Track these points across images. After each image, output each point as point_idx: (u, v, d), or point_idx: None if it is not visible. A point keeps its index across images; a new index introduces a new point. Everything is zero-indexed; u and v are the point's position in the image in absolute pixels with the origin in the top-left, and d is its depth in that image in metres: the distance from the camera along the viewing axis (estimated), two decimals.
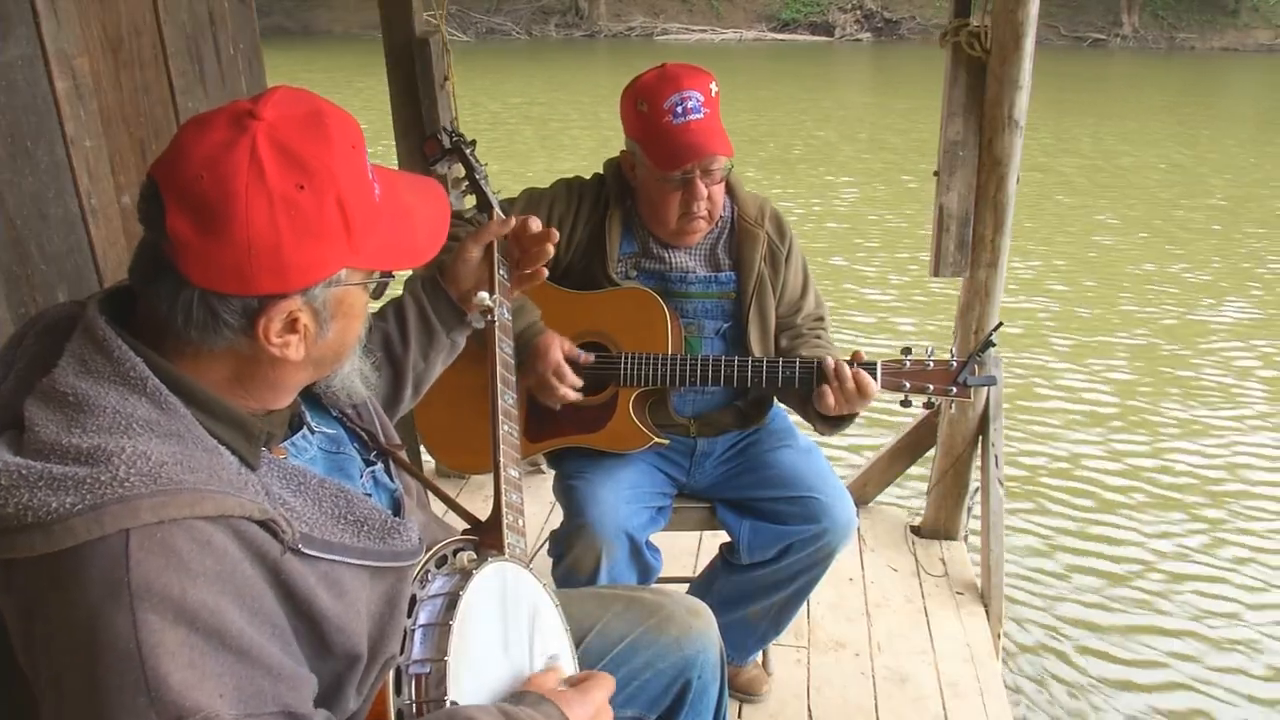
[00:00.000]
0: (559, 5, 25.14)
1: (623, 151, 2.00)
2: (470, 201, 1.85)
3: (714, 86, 1.89)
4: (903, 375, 1.87)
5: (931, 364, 1.87)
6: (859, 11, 24.03)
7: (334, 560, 0.94)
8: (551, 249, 1.41)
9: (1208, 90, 17.18)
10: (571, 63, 19.85)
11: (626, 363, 1.95)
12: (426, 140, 1.77)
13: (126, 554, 0.79)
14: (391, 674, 1.01)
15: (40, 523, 0.78)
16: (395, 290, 1.40)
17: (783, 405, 2.18)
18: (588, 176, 2.07)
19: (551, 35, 24.42)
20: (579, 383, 1.90)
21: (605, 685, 1.12)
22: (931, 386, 1.87)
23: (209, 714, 0.78)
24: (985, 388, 2.58)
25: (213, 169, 0.85)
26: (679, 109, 1.84)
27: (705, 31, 23.95)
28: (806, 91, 16.20)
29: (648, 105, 1.87)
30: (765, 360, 1.94)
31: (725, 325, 2.05)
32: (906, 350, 1.89)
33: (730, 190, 2.04)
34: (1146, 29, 22.91)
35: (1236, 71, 19.42)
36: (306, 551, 0.91)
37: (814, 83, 17.54)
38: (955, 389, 1.87)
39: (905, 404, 1.90)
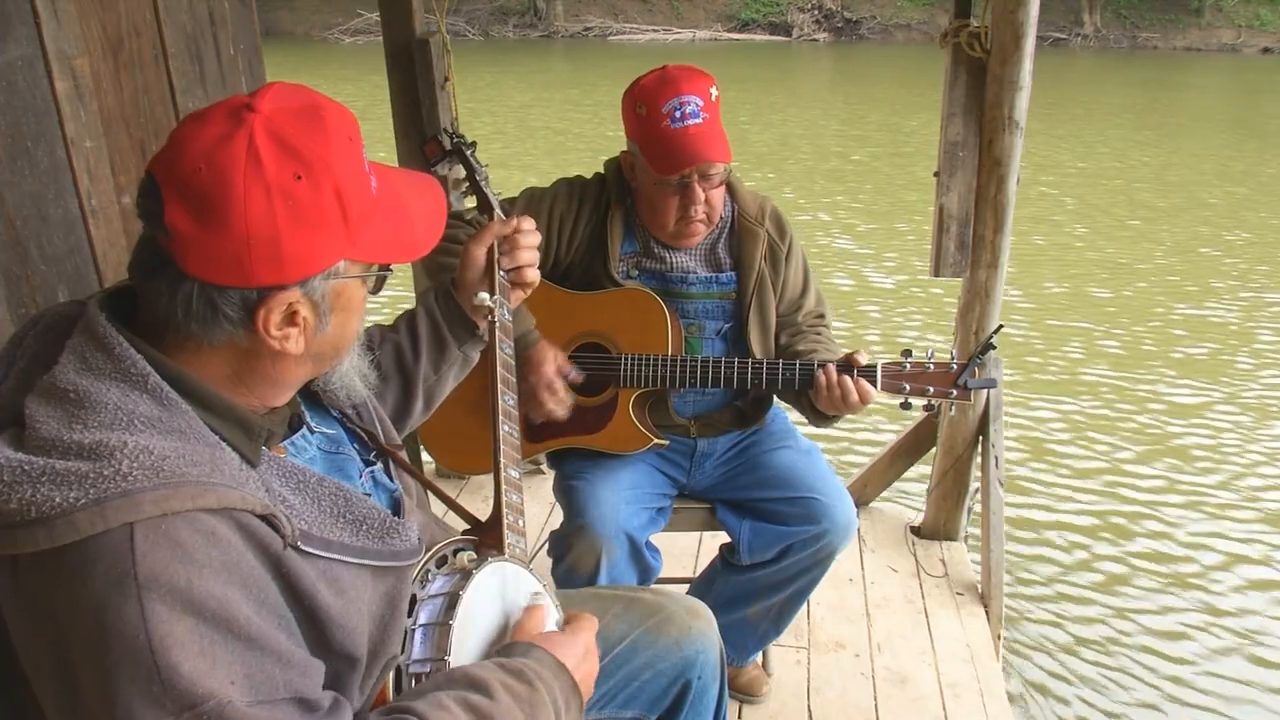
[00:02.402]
0: (518, 6, 25.01)
1: (623, 152, 2.00)
2: (470, 203, 1.85)
3: (714, 90, 1.88)
4: (903, 378, 1.87)
5: (931, 366, 1.87)
6: (818, 11, 23.96)
7: (333, 559, 0.94)
8: (536, 254, 1.42)
9: (1173, 90, 17.07)
10: (535, 63, 19.68)
11: (626, 364, 1.95)
12: (427, 142, 1.76)
13: (132, 547, 0.79)
14: (392, 674, 1.01)
15: (43, 518, 0.78)
16: (398, 290, 1.40)
17: (788, 408, 2.18)
18: (588, 175, 2.07)
19: (509, 36, 24.22)
20: (569, 402, 1.90)
21: (590, 625, 1.14)
22: (932, 389, 1.87)
23: (221, 700, 0.78)
24: (985, 391, 2.59)
25: (210, 161, 0.86)
26: (677, 113, 1.83)
27: (658, 31, 23.81)
28: (776, 91, 16.17)
29: (646, 109, 1.87)
30: (765, 362, 1.94)
31: (726, 325, 2.05)
32: (907, 352, 1.89)
33: (730, 189, 2.04)
34: (1108, 28, 22.85)
35: (1200, 72, 19.34)
36: (306, 549, 0.91)
37: (778, 82, 17.47)
38: (955, 391, 1.86)
39: (905, 406, 1.89)
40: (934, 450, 2.97)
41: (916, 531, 3.05)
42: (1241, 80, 18.50)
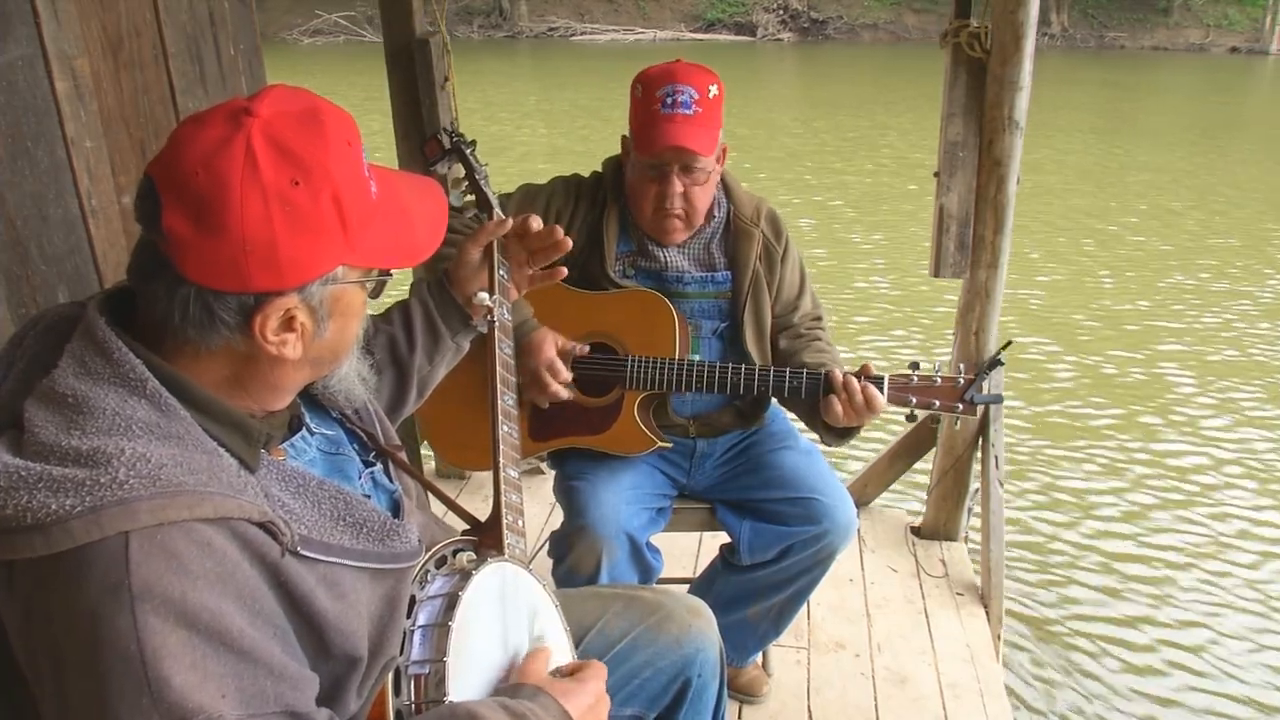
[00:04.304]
0: (483, 6, 24.91)
1: (623, 136, 2.01)
2: (470, 201, 1.85)
3: (714, 89, 1.88)
4: (909, 390, 1.88)
5: (939, 380, 1.87)
6: (784, 12, 23.95)
7: (333, 562, 0.94)
8: (568, 241, 1.42)
9: (1144, 91, 17.02)
10: (499, 63, 19.69)
11: (633, 366, 1.94)
12: (427, 141, 1.76)
13: (126, 556, 0.79)
14: (391, 675, 1.01)
15: (39, 524, 0.78)
16: (398, 292, 1.40)
17: (788, 413, 2.18)
18: (585, 174, 2.07)
19: (474, 36, 24.12)
20: (569, 378, 1.90)
21: (600, 674, 1.12)
22: (938, 402, 1.87)
23: (212, 714, 0.78)
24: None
25: (208, 165, 0.86)
26: (669, 99, 1.86)
27: (618, 31, 23.76)
28: (742, 91, 16.21)
29: (642, 90, 1.90)
30: (772, 369, 1.94)
31: (722, 325, 2.05)
32: (914, 365, 1.89)
33: (726, 189, 2.04)
34: (1075, 28, 22.81)
35: (1170, 72, 19.27)
36: (305, 554, 0.91)
37: (745, 82, 17.45)
38: (961, 406, 1.87)
39: (911, 418, 1.90)
40: (934, 450, 2.97)
41: (916, 532, 3.05)
42: (1213, 80, 18.47)
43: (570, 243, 1.45)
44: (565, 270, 1.50)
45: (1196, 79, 18.67)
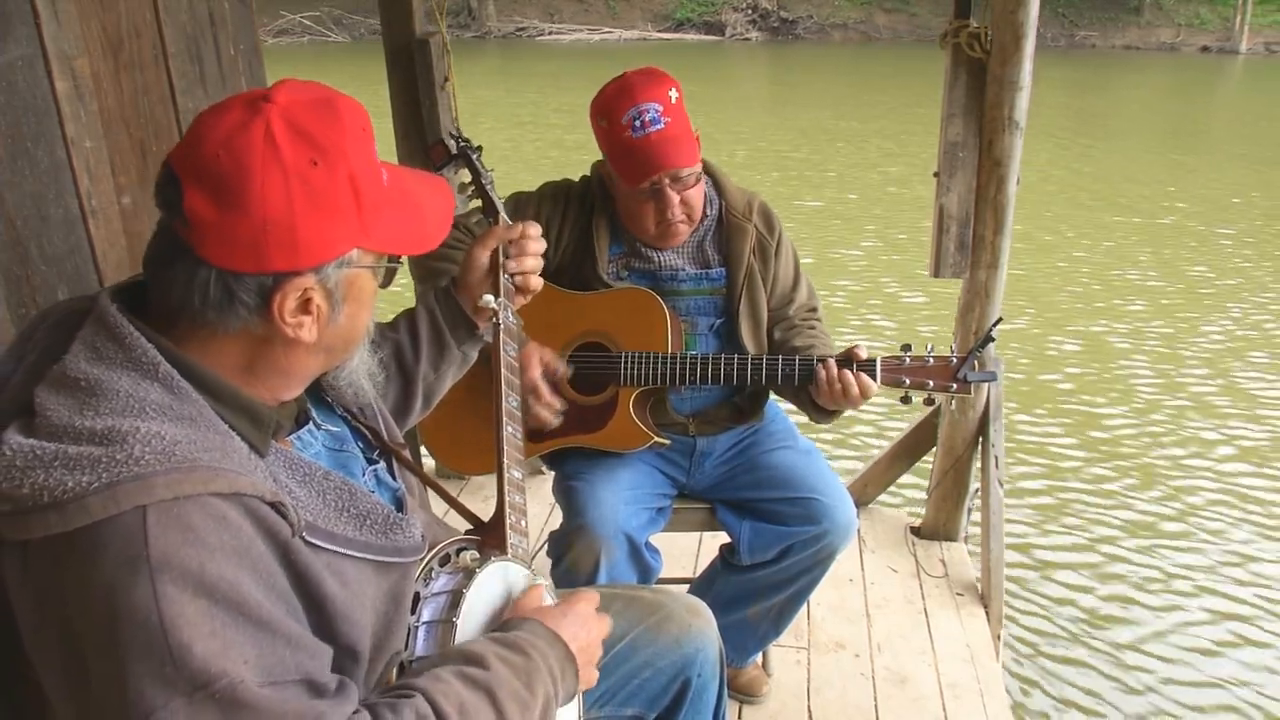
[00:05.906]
0: (452, 6, 24.91)
1: (599, 161, 2.01)
2: (475, 205, 1.85)
3: (674, 93, 1.87)
4: (902, 371, 1.87)
5: (931, 360, 1.87)
6: (754, 11, 23.93)
7: (337, 551, 0.95)
8: (541, 260, 1.42)
9: (1116, 90, 16.98)
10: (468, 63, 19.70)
11: (626, 362, 1.95)
12: (433, 146, 1.76)
13: (145, 529, 0.79)
14: (396, 670, 1.02)
15: (56, 502, 0.79)
16: (400, 293, 1.39)
17: (775, 396, 2.18)
18: (575, 179, 2.07)
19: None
20: (557, 406, 1.90)
21: (588, 597, 1.15)
22: (932, 383, 1.86)
23: (234, 679, 0.79)
24: (985, 385, 2.58)
25: (229, 147, 0.88)
26: (637, 122, 1.83)
27: (582, 31, 23.76)
28: (740, 90, 16.22)
29: (607, 121, 1.87)
30: (765, 358, 1.94)
31: (718, 321, 2.05)
32: (906, 346, 1.89)
33: (717, 185, 2.05)
34: (1046, 26, 22.69)
35: (1144, 71, 19.22)
36: (311, 540, 0.92)
37: (719, 83, 17.42)
38: (955, 385, 1.86)
39: (905, 400, 1.89)
40: (934, 451, 2.97)
41: (916, 532, 3.05)
42: (1182, 79, 18.39)
43: (541, 283, 1.44)
44: (540, 283, 1.46)
45: (1166, 78, 18.61)
